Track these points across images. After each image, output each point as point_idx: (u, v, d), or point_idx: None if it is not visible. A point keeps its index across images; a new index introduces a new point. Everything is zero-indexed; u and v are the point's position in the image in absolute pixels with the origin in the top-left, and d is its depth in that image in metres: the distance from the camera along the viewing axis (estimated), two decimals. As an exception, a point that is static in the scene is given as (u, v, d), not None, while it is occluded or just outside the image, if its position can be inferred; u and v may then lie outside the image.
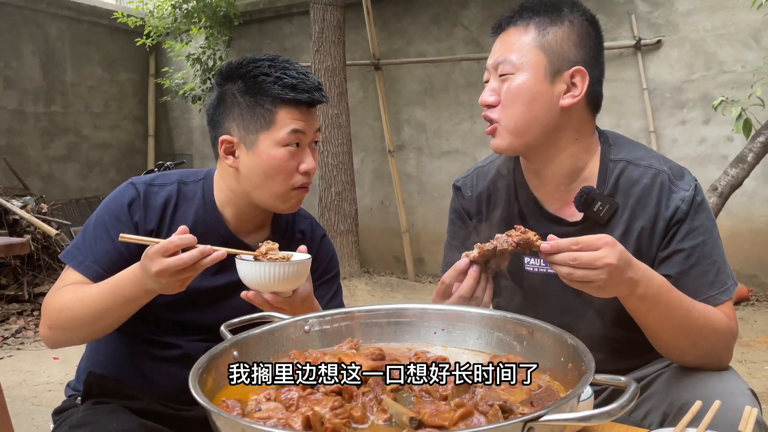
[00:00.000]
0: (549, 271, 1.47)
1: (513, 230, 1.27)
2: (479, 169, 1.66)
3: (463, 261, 1.30)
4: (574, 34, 1.43)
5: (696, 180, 1.43)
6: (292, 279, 1.34)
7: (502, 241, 1.27)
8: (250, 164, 1.49)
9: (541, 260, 1.49)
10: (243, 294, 1.36)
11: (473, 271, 1.29)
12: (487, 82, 1.48)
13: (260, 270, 1.31)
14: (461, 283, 1.30)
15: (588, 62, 1.45)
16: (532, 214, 1.52)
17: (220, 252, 1.29)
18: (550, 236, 1.21)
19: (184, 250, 1.26)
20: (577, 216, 1.46)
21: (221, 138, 1.51)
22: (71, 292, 1.43)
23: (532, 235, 1.25)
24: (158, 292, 1.33)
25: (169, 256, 1.24)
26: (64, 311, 1.41)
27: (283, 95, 1.45)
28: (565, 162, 1.46)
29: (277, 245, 1.37)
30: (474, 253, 1.29)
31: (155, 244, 1.25)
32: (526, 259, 1.52)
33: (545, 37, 1.41)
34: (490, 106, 1.44)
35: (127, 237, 1.31)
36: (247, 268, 1.33)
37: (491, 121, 1.45)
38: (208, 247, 1.27)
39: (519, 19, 1.44)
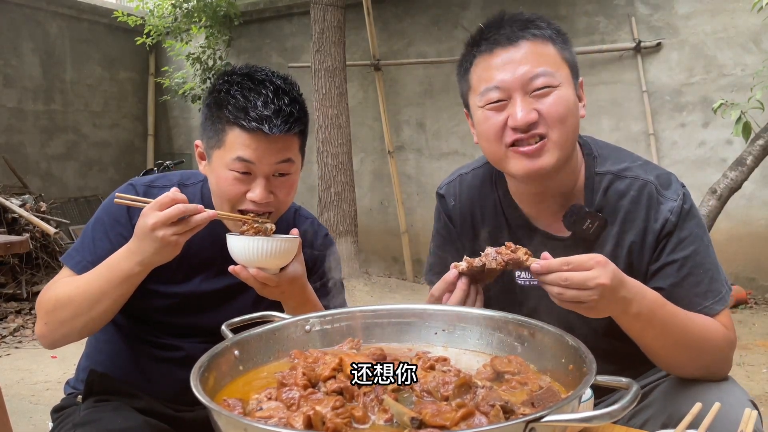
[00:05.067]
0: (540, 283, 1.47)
1: (503, 248, 1.25)
2: (462, 177, 1.62)
3: (452, 273, 1.28)
4: (564, 42, 1.39)
5: (684, 187, 1.40)
6: (278, 255, 1.35)
7: (491, 259, 1.25)
8: (209, 175, 1.50)
9: None
10: (231, 268, 1.38)
11: (462, 283, 1.28)
12: (499, 102, 1.33)
13: (247, 244, 1.34)
14: (450, 294, 1.28)
15: (577, 64, 1.42)
16: (521, 230, 1.49)
17: (212, 212, 1.33)
18: (544, 254, 1.19)
19: None
20: (566, 231, 1.44)
21: (195, 141, 1.54)
22: (65, 284, 1.43)
23: (522, 253, 1.23)
24: (153, 259, 1.32)
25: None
26: (60, 301, 1.40)
27: (230, 117, 1.39)
28: (562, 180, 1.42)
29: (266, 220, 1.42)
30: (462, 265, 1.27)
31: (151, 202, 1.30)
32: (517, 273, 1.49)
33: (564, 51, 1.36)
34: (531, 125, 1.31)
35: (122, 197, 1.36)
36: (234, 242, 1.36)
37: (537, 138, 1.32)
38: (200, 206, 1.32)
39: (535, 29, 1.34)
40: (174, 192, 1.31)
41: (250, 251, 1.34)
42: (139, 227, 1.30)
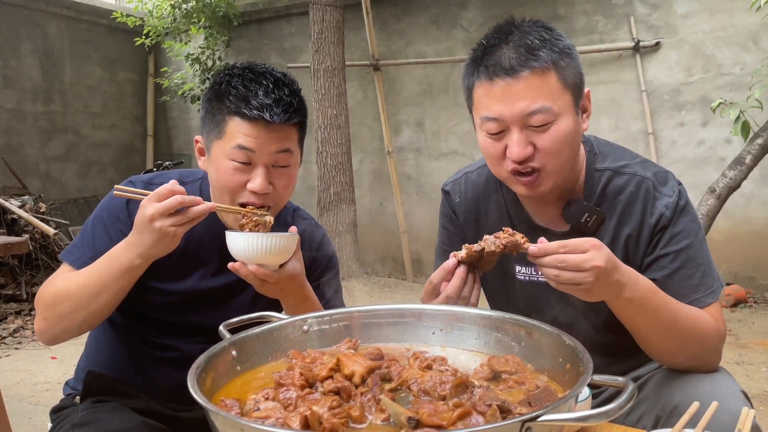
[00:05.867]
0: (540, 279, 1.48)
1: (501, 232, 1.28)
2: (468, 175, 1.65)
3: (450, 261, 1.31)
4: (569, 57, 1.35)
5: (680, 184, 1.43)
6: (277, 252, 1.36)
7: (490, 242, 1.27)
8: (208, 169, 1.51)
9: (532, 269, 1.50)
10: (230, 265, 1.38)
11: (460, 271, 1.29)
12: (496, 134, 1.35)
13: (246, 241, 1.34)
14: (449, 282, 1.30)
15: (582, 75, 1.39)
16: (523, 227, 1.51)
17: (210, 204, 1.33)
18: (541, 239, 1.22)
19: None
20: (566, 226, 1.47)
21: (195, 137, 1.55)
22: (65, 279, 1.43)
23: (519, 237, 1.26)
24: (152, 251, 1.32)
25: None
26: (59, 295, 1.40)
27: (231, 107, 1.41)
28: (564, 180, 1.44)
29: (263, 213, 1.42)
30: (462, 253, 1.29)
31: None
32: (518, 268, 1.52)
33: (567, 74, 1.33)
34: (527, 158, 1.34)
35: (122, 189, 1.37)
36: (234, 239, 1.36)
37: (530, 172, 1.35)
38: (199, 198, 1.32)
39: (535, 60, 1.30)
40: (172, 184, 1.31)
41: (250, 247, 1.34)
42: (138, 219, 1.31)
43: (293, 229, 1.44)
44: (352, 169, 6.49)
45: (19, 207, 5.70)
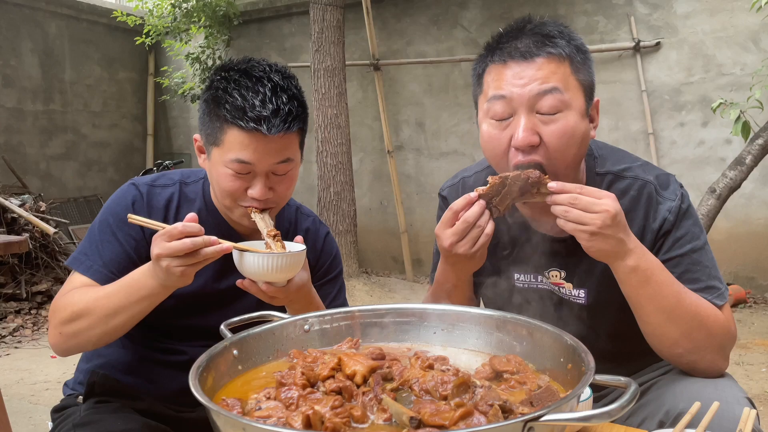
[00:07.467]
0: (539, 286, 1.48)
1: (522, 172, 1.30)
2: (465, 180, 1.64)
3: (472, 194, 1.31)
4: (584, 55, 1.35)
5: (682, 187, 1.43)
6: (286, 270, 1.35)
7: (513, 172, 1.30)
8: (209, 170, 1.50)
9: (531, 276, 1.50)
10: (238, 282, 1.37)
11: (481, 203, 1.31)
12: (503, 120, 1.33)
13: (255, 260, 1.32)
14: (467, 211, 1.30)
15: (594, 81, 1.38)
16: (521, 232, 1.50)
17: (225, 245, 1.28)
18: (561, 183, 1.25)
19: None
20: (566, 233, 1.46)
21: (194, 135, 1.53)
22: (83, 293, 1.40)
23: (540, 174, 1.28)
24: (167, 284, 1.30)
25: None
26: (75, 312, 1.37)
27: (228, 116, 1.37)
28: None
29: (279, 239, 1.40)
30: (484, 188, 1.31)
31: (162, 229, 1.26)
32: (516, 275, 1.51)
33: (580, 71, 1.32)
34: (530, 147, 1.31)
35: (135, 218, 1.33)
36: (243, 258, 1.35)
37: (530, 165, 1.31)
38: (214, 238, 1.27)
39: (552, 47, 1.30)
40: (184, 224, 1.25)
41: (260, 267, 1.32)
42: (151, 252, 1.28)
43: (299, 239, 1.43)
44: (352, 168, 6.49)
45: (19, 206, 5.70)
